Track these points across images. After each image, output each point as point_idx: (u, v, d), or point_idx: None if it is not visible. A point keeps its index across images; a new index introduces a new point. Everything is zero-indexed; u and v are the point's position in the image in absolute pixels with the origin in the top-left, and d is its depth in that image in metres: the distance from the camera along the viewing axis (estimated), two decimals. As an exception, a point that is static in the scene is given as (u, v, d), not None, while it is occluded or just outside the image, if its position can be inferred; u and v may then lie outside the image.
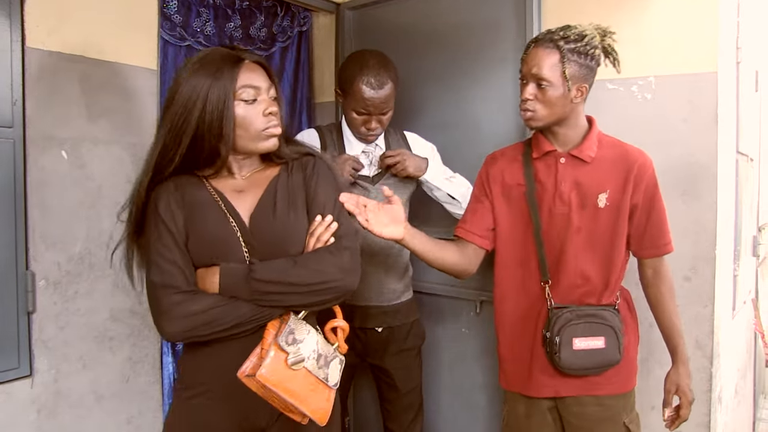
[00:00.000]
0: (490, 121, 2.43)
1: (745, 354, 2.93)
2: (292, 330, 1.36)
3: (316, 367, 1.38)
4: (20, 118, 1.85)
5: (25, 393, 1.90)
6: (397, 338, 2.26)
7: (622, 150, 1.74)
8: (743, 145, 2.48)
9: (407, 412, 2.32)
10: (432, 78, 2.59)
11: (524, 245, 1.81)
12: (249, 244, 1.43)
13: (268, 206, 1.47)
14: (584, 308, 1.73)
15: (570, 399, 1.78)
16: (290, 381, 1.32)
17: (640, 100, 2.07)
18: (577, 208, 1.73)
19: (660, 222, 1.73)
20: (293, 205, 1.48)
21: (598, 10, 2.10)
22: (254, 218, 1.45)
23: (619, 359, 1.72)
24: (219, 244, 1.42)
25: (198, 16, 2.45)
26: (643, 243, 1.75)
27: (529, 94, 1.68)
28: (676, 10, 2.00)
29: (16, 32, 1.83)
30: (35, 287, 1.90)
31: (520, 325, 1.83)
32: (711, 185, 1.97)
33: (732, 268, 2.33)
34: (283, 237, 1.45)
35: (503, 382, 1.92)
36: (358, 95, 2.06)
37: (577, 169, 1.74)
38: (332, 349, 1.44)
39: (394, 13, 2.72)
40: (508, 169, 1.85)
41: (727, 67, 2.07)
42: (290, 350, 1.34)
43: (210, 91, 1.37)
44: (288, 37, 2.84)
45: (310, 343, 1.39)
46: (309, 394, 1.35)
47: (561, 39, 1.63)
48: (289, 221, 1.46)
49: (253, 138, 1.44)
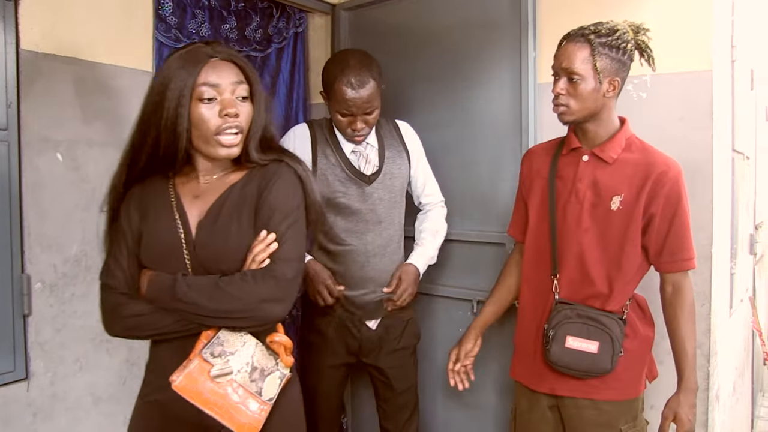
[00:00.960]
0: (486, 121, 2.44)
1: (743, 352, 2.93)
2: (221, 342, 1.33)
3: (248, 380, 1.34)
4: (15, 121, 1.85)
5: (21, 396, 1.89)
6: (392, 337, 2.26)
7: (648, 156, 1.70)
8: (739, 143, 2.49)
9: (402, 411, 2.32)
10: (427, 78, 2.60)
11: (541, 237, 1.82)
12: (192, 254, 1.39)
13: (213, 215, 1.41)
14: (587, 309, 1.72)
15: (568, 400, 1.78)
16: (212, 393, 1.29)
17: (635, 98, 2.08)
18: (589, 208, 1.72)
19: (681, 235, 1.67)
20: (238, 217, 1.40)
21: (593, 9, 2.10)
22: (200, 227, 1.40)
23: (609, 369, 1.68)
24: (164, 250, 1.39)
25: (193, 17, 2.45)
26: (661, 256, 1.70)
27: (560, 88, 1.68)
28: (671, 8, 2.01)
29: (11, 34, 1.82)
30: (31, 290, 1.90)
31: (529, 316, 1.86)
32: (707, 184, 1.98)
33: (729, 266, 2.33)
34: (221, 249, 1.38)
35: (512, 371, 1.95)
36: (340, 97, 2.04)
37: (597, 169, 1.73)
38: (273, 362, 1.39)
39: (389, 14, 2.72)
40: (539, 162, 1.87)
41: (722, 66, 2.07)
42: (216, 362, 1.31)
43: (170, 87, 1.33)
44: (284, 38, 2.83)
45: (244, 355, 1.34)
46: (234, 408, 1.31)
47: (592, 33, 1.64)
48: (230, 233, 1.39)
49: (207, 141, 1.36)
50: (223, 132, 1.36)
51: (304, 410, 2.30)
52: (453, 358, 2.04)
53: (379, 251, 2.19)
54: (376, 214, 2.17)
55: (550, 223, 1.79)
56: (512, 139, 2.34)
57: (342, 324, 2.21)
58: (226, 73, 1.36)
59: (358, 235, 2.15)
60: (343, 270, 2.17)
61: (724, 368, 2.22)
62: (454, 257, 2.58)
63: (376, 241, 2.17)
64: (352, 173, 2.15)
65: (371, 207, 2.16)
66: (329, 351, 2.23)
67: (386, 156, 2.22)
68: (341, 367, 2.28)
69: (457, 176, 2.51)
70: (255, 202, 1.41)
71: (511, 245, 2.33)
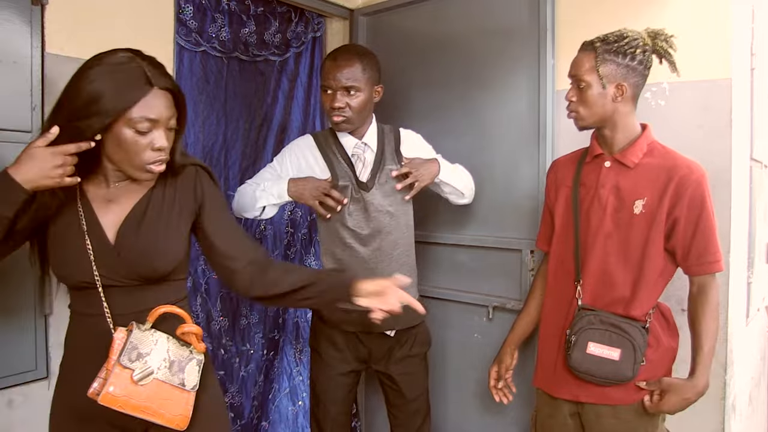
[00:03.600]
0: (503, 128, 2.44)
1: (759, 362, 2.91)
2: (135, 345, 1.34)
3: (169, 375, 1.36)
4: (39, 124, 1.87)
5: (43, 395, 1.91)
6: (402, 344, 2.25)
7: (671, 160, 1.72)
8: (757, 151, 2.47)
9: (414, 418, 2.31)
10: (444, 84, 2.60)
11: (566, 244, 1.86)
12: (111, 259, 1.40)
13: (136, 219, 1.43)
14: (610, 316, 1.73)
15: (588, 407, 1.79)
16: (139, 397, 1.31)
17: (654, 106, 2.07)
18: (612, 213, 1.75)
19: (707, 238, 1.68)
20: (166, 218, 1.46)
21: (612, 17, 2.11)
22: (122, 232, 1.42)
23: (630, 377, 1.70)
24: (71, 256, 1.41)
25: (213, 21, 2.47)
26: (688, 259, 1.71)
27: (570, 95, 1.77)
28: (690, 16, 2.00)
29: (37, 38, 1.85)
30: (52, 290, 1.92)
31: (552, 322, 1.89)
32: (725, 192, 1.97)
33: (746, 276, 2.32)
34: (149, 252, 1.42)
35: (535, 378, 1.97)
36: (323, 71, 2.09)
37: (619, 174, 1.76)
38: (187, 352, 1.42)
39: (407, 19, 2.74)
40: (565, 171, 1.92)
41: (741, 74, 2.06)
42: (135, 366, 1.32)
43: (101, 104, 1.30)
44: (302, 42, 2.85)
45: (160, 352, 1.37)
46: (163, 404, 1.34)
47: (599, 41, 1.71)
48: (158, 235, 1.43)
49: (131, 165, 1.38)
50: (152, 163, 1.38)
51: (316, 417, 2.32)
52: (494, 375, 2.09)
53: (386, 257, 2.17)
54: (377, 221, 2.15)
55: (574, 229, 1.82)
56: (529, 147, 2.34)
57: (353, 333, 2.21)
58: (163, 108, 1.37)
59: (361, 241, 2.15)
60: None
61: (740, 378, 2.20)
62: (470, 263, 2.58)
63: (381, 247, 2.16)
64: (354, 179, 2.15)
65: (372, 214, 2.15)
66: (339, 358, 2.23)
67: (383, 161, 2.21)
68: (351, 373, 2.28)
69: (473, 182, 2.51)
70: (190, 202, 1.50)
71: (527, 251, 2.34)
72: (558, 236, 1.89)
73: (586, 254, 1.78)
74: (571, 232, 1.83)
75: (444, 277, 2.65)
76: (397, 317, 2.20)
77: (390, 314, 1.54)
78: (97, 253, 1.40)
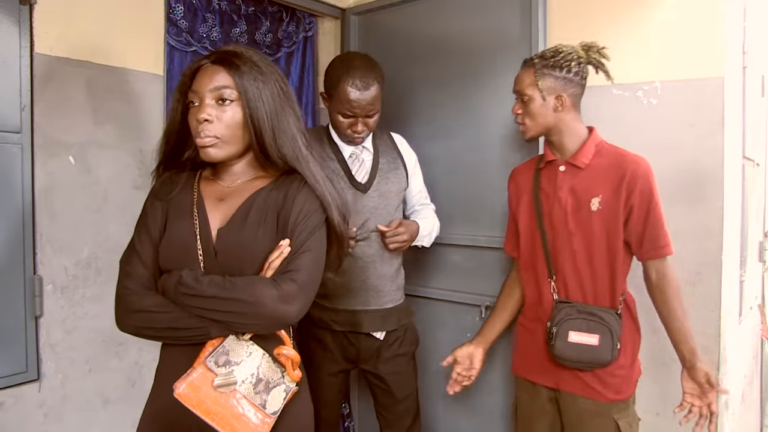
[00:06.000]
0: (495, 128, 2.43)
1: (752, 360, 2.91)
2: (227, 351, 1.32)
3: (252, 392, 1.32)
4: (28, 124, 1.87)
5: (33, 397, 1.91)
6: (390, 343, 2.24)
7: (619, 157, 1.83)
8: (749, 150, 2.48)
9: (404, 418, 2.30)
10: (437, 84, 2.60)
11: (534, 246, 1.98)
12: (208, 255, 1.37)
13: (239, 220, 1.40)
14: (586, 306, 1.84)
15: (566, 394, 1.89)
16: (214, 403, 1.28)
17: (646, 105, 2.07)
18: (572, 212, 1.86)
19: (658, 225, 1.79)
20: (264, 222, 1.40)
21: (604, 16, 2.11)
22: (223, 230, 1.39)
23: (609, 360, 1.79)
24: (180, 251, 1.38)
25: (204, 21, 2.46)
26: (642, 245, 1.81)
27: (516, 109, 1.92)
28: (682, 14, 2.00)
29: (25, 38, 1.84)
30: (42, 291, 1.91)
31: (532, 316, 2.00)
32: (717, 190, 1.97)
33: (738, 274, 2.32)
34: (245, 254, 1.37)
35: (513, 367, 2.08)
36: (344, 97, 2.04)
37: (573, 176, 1.87)
38: (279, 375, 1.37)
39: (399, 19, 2.73)
40: (524, 179, 2.03)
41: (733, 72, 2.06)
42: (220, 372, 1.29)
43: (173, 90, 1.44)
44: (293, 42, 2.85)
45: (249, 366, 1.33)
46: (236, 419, 1.29)
47: (536, 58, 1.87)
48: (257, 238, 1.38)
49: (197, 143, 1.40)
50: (198, 136, 1.38)
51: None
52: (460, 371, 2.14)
53: (378, 258, 2.18)
54: (371, 222, 2.15)
55: (540, 232, 1.93)
56: (523, 146, 2.33)
57: (341, 333, 2.21)
58: (206, 80, 1.37)
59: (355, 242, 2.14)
60: (345, 280, 2.16)
61: (733, 376, 2.21)
62: (463, 263, 2.58)
63: (374, 247, 2.17)
64: (350, 181, 2.15)
65: (367, 216, 2.15)
66: (327, 359, 2.22)
67: (381, 163, 2.22)
68: (340, 374, 2.27)
69: (465, 181, 2.52)
70: (279, 209, 1.41)
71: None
72: (526, 240, 2.00)
73: (556, 253, 1.90)
74: (538, 234, 1.95)
75: (437, 277, 2.65)
76: (385, 319, 2.22)
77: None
78: (204, 249, 1.38)
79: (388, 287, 2.23)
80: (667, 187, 1.99)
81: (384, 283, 2.21)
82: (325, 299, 2.17)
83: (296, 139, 1.43)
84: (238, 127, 1.39)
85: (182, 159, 1.50)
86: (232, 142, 1.40)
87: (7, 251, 1.84)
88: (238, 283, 1.31)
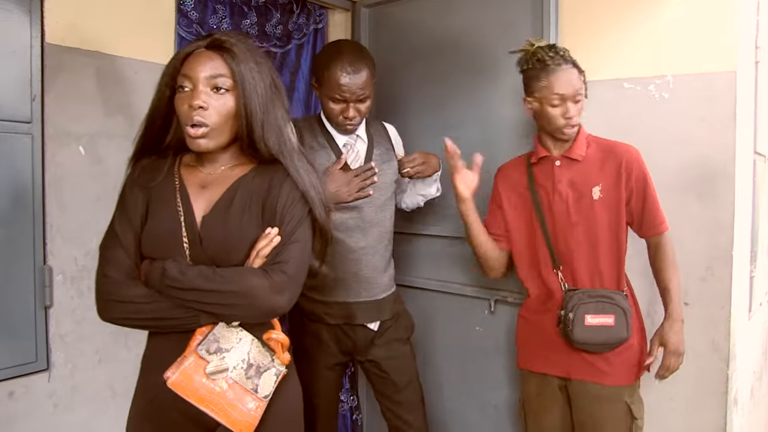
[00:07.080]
0: (504, 122, 2.43)
1: (761, 356, 2.90)
2: (217, 338, 1.32)
3: (243, 377, 1.33)
4: (39, 114, 1.87)
5: (43, 387, 1.91)
6: (383, 330, 2.23)
7: (610, 146, 1.94)
8: (761, 145, 2.46)
9: (409, 409, 2.28)
10: (446, 77, 2.59)
11: (534, 239, 2.02)
12: (193, 244, 1.37)
13: (223, 207, 1.39)
14: (596, 290, 1.91)
15: (577, 382, 1.94)
16: (207, 390, 1.28)
17: (657, 99, 2.06)
18: (574, 204, 1.93)
19: (654, 205, 1.90)
20: (249, 209, 1.39)
21: (615, 9, 2.10)
22: (207, 218, 1.38)
23: (626, 337, 1.86)
24: (164, 238, 1.37)
25: (214, 12, 2.46)
26: (642, 225, 1.92)
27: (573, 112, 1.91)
28: (695, 8, 1.99)
29: (36, 28, 1.84)
30: (52, 282, 1.92)
31: (535, 308, 2.05)
32: (728, 185, 1.96)
33: (748, 269, 2.31)
34: (231, 241, 1.37)
35: (519, 360, 2.12)
36: (334, 81, 2.03)
37: (570, 169, 1.95)
38: (269, 359, 1.38)
39: (409, 12, 2.72)
40: (516, 176, 2.09)
41: (745, 67, 2.05)
42: (211, 359, 1.30)
43: (163, 73, 1.39)
44: (304, 34, 2.84)
45: (240, 352, 1.34)
46: (230, 404, 1.30)
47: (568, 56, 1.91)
48: (242, 226, 1.38)
49: (184, 131, 1.37)
50: (189, 122, 1.35)
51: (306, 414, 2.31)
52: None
53: (371, 250, 2.18)
54: (366, 212, 2.15)
55: (541, 224, 1.99)
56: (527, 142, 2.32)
57: (336, 326, 2.20)
58: (201, 66, 1.35)
59: (348, 233, 2.13)
60: (339, 272, 2.15)
61: (742, 372, 2.20)
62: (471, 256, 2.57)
63: (367, 238, 2.16)
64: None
65: (361, 205, 2.13)
66: (323, 352, 2.21)
67: (375, 153, 2.21)
68: (336, 366, 2.26)
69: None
70: (264, 196, 1.41)
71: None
72: (524, 234, 2.05)
73: (559, 244, 1.96)
74: (539, 227, 2.00)
75: (446, 270, 2.65)
76: (379, 309, 2.21)
77: None
78: (189, 237, 1.37)
79: (380, 278, 2.22)
80: (678, 181, 1.99)
81: (376, 275, 2.20)
82: (318, 292, 2.14)
83: (282, 131, 1.42)
84: (229, 117, 1.38)
85: (163, 145, 1.47)
86: (222, 131, 1.38)
87: (18, 241, 1.84)
88: (227, 274, 1.32)
